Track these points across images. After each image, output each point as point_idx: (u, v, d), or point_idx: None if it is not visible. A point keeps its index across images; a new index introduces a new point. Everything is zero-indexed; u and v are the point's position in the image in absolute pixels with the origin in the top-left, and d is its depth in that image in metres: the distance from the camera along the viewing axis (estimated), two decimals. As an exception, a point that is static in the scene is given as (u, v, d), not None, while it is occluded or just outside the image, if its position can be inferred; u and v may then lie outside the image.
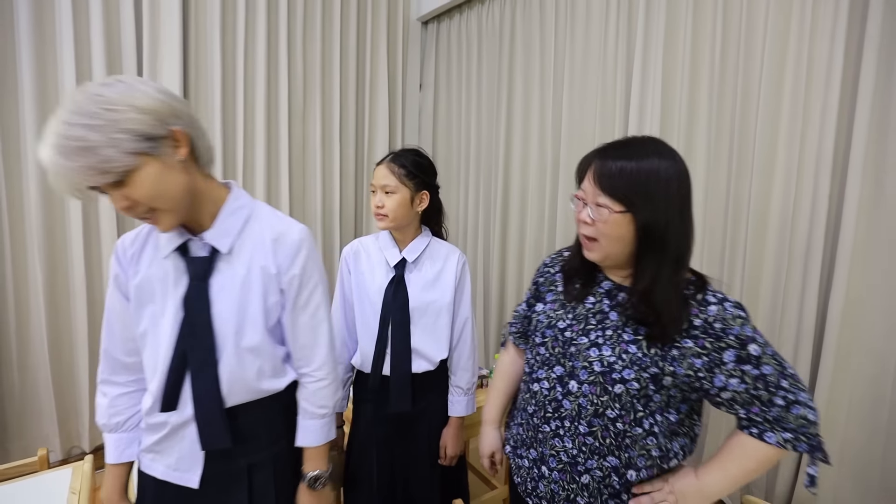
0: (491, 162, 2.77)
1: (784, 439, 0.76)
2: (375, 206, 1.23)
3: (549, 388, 0.87)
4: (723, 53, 1.76)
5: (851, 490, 1.53)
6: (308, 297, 0.92)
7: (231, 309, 0.86)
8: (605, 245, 0.82)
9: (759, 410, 0.77)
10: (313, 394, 0.95)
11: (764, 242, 1.69)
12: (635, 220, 0.78)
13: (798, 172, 1.59)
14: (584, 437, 0.83)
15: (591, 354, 0.83)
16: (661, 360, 0.79)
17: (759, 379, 0.76)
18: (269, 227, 0.90)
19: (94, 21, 2.00)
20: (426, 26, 3.19)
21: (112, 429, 0.93)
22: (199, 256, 0.86)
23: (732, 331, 0.77)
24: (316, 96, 2.68)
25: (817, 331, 1.59)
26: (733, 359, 0.77)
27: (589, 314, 0.87)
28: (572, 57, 2.28)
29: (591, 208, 0.82)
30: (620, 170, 0.79)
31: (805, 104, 1.56)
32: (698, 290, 0.81)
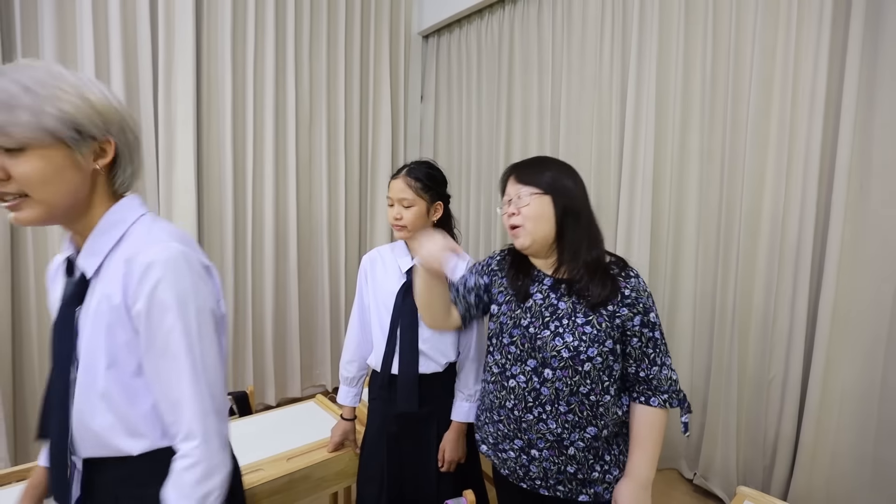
0: (491, 171, 2.85)
1: (663, 400, 0.95)
2: (394, 219, 1.28)
3: (525, 380, 0.97)
4: (713, 64, 1.85)
5: (844, 486, 1.59)
6: (165, 339, 0.69)
7: (87, 342, 0.71)
8: (530, 228, 0.96)
9: (644, 370, 0.96)
10: (173, 475, 0.69)
11: (756, 247, 1.76)
12: (554, 202, 0.96)
13: (787, 179, 1.66)
14: (565, 416, 0.94)
15: (556, 344, 0.94)
16: (612, 331, 0.94)
17: (651, 340, 0.96)
18: (130, 246, 0.72)
19: (112, 37, 2.09)
20: (427, 40, 3.29)
21: None
22: (74, 278, 0.73)
23: (642, 300, 0.96)
24: (322, 108, 2.77)
25: (808, 331, 1.66)
26: (639, 323, 0.95)
27: (542, 309, 0.98)
28: (569, 69, 2.36)
29: (514, 202, 0.98)
30: (533, 170, 0.99)
31: (792, 113, 1.64)
32: (622, 269, 0.98)
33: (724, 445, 1.88)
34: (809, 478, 1.64)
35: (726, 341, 1.85)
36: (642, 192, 2.04)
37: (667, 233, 2.02)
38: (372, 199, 3.09)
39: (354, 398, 1.39)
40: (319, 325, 2.89)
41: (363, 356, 1.38)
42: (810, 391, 1.62)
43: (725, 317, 1.85)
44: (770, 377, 1.75)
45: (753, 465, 1.82)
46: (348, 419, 1.39)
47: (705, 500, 1.94)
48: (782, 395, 1.72)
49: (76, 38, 2.05)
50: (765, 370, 1.76)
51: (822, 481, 1.62)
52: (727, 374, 1.84)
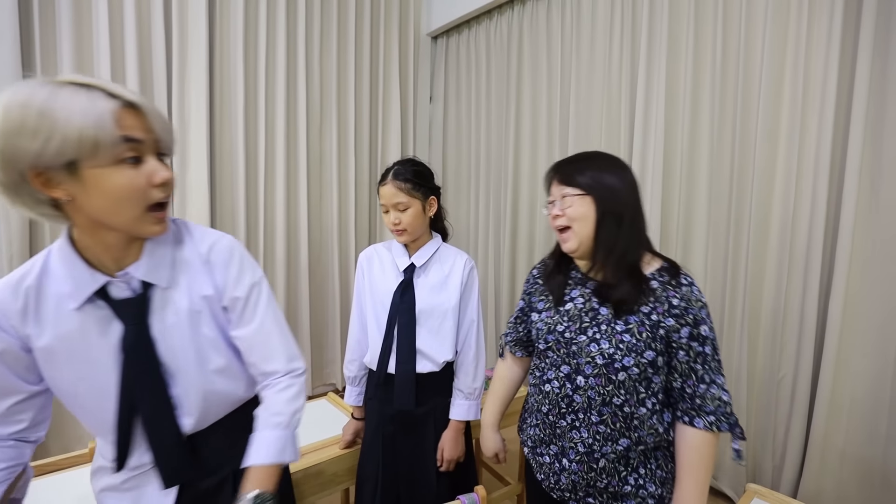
0: (500, 171, 2.86)
1: (709, 422, 0.87)
2: (392, 224, 1.26)
3: (559, 386, 0.95)
4: (723, 64, 1.84)
5: (853, 487, 1.58)
6: (253, 309, 0.83)
7: (186, 342, 0.77)
8: (577, 229, 0.92)
9: (691, 387, 0.89)
10: (267, 399, 0.83)
11: (766, 245, 1.76)
12: (595, 201, 0.91)
13: (797, 177, 1.66)
14: (596, 426, 0.91)
15: (591, 350, 0.90)
16: (653, 341, 0.88)
17: (700, 356, 0.88)
18: (202, 244, 0.81)
19: (128, 41, 2.14)
20: (436, 41, 3.31)
21: None
22: (126, 298, 0.73)
23: (693, 311, 0.88)
24: (332, 109, 2.81)
25: (818, 331, 1.65)
26: (686, 335, 0.88)
27: (581, 313, 0.94)
28: (578, 69, 2.37)
29: (558, 203, 0.94)
30: (576, 168, 0.95)
31: (803, 109, 1.63)
32: (672, 276, 0.91)
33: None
34: (819, 477, 1.64)
35: (736, 340, 1.85)
36: (651, 191, 2.04)
37: (676, 231, 2.03)
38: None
39: (359, 397, 1.39)
40: (329, 324, 2.93)
41: (364, 355, 1.37)
42: (820, 391, 1.62)
43: (735, 315, 1.85)
44: (780, 376, 1.74)
45: (763, 464, 1.82)
46: (359, 418, 1.40)
47: (714, 499, 1.94)
48: (792, 395, 1.72)
49: (93, 42, 2.10)
50: (774, 369, 1.76)
51: (831, 481, 1.62)
52: (737, 372, 1.84)
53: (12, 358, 0.72)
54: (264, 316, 0.83)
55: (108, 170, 0.64)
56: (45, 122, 0.59)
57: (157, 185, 0.68)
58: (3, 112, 0.59)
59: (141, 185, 0.67)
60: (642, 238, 0.95)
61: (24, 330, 0.71)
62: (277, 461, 0.78)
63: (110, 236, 0.70)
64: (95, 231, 0.69)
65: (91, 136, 0.60)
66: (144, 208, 0.68)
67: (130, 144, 0.65)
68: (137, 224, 0.69)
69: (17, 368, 0.73)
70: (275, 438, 0.79)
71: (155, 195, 0.69)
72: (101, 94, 0.63)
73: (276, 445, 0.79)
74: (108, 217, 0.67)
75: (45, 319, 0.71)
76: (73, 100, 0.60)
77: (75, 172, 0.62)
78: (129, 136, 0.64)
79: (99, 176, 0.63)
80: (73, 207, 0.66)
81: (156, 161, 0.69)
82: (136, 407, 0.75)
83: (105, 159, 0.63)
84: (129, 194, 0.66)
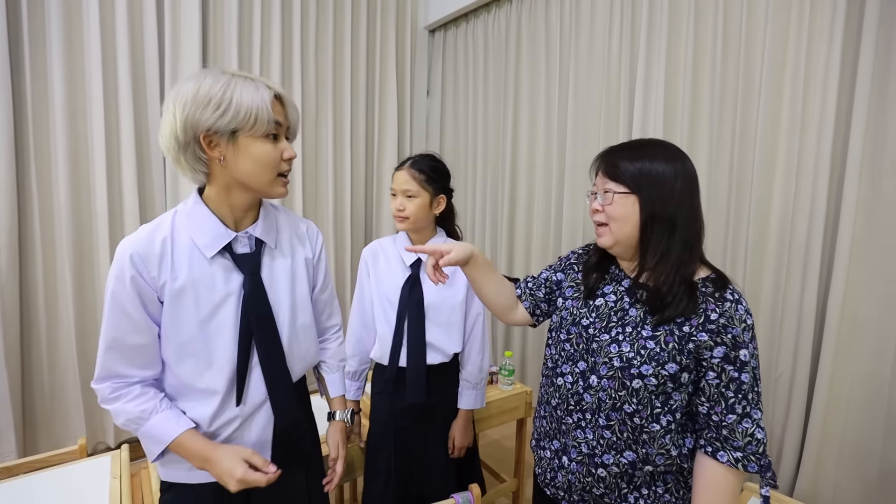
0: (498, 166, 2.84)
1: (735, 458, 0.78)
2: (396, 210, 1.29)
3: (572, 381, 0.90)
4: (723, 59, 1.82)
5: (851, 484, 1.58)
6: (327, 278, 1.10)
7: (285, 297, 0.95)
8: (614, 229, 0.85)
9: (718, 414, 0.80)
10: (335, 350, 1.15)
11: (765, 242, 1.74)
12: (640, 202, 0.82)
13: (797, 173, 1.64)
14: (602, 430, 0.85)
15: (611, 350, 0.85)
16: (679, 354, 0.80)
17: (734, 381, 0.79)
18: (297, 222, 1.05)
19: (119, 37, 2.10)
20: (433, 34, 3.27)
21: (153, 410, 0.85)
22: (247, 253, 0.91)
23: (733, 330, 0.79)
24: (328, 103, 2.78)
25: (817, 328, 1.64)
26: (721, 356, 0.79)
27: (611, 312, 0.89)
28: (576, 63, 2.34)
29: (599, 196, 0.87)
30: (624, 158, 0.85)
31: (804, 106, 1.61)
32: (717, 288, 0.82)
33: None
34: (815, 476, 1.63)
35: (733, 338, 1.84)
36: (650, 187, 2.02)
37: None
38: (378, 195, 3.10)
39: (357, 392, 1.40)
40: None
41: (365, 350, 1.39)
42: (818, 389, 1.61)
43: (733, 314, 1.84)
44: (777, 374, 1.74)
45: (759, 462, 1.81)
46: (358, 412, 1.40)
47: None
48: (789, 393, 1.71)
49: (83, 38, 2.06)
50: (772, 367, 1.75)
51: (828, 480, 1.61)
52: (734, 371, 1.83)
53: (155, 308, 0.85)
54: (332, 285, 1.15)
55: (258, 140, 0.83)
56: (225, 99, 0.79)
57: (286, 159, 0.88)
58: (194, 89, 0.79)
59: (276, 157, 0.86)
60: (697, 246, 0.84)
61: (161, 277, 0.84)
62: (343, 393, 1.15)
63: (241, 198, 0.89)
64: (231, 191, 0.87)
65: (254, 114, 0.81)
66: (276, 174, 0.87)
67: (275, 125, 0.84)
68: (270, 185, 0.87)
69: (157, 316, 0.85)
70: (341, 378, 1.16)
71: (283, 167, 0.88)
72: (263, 86, 0.83)
73: (342, 383, 1.15)
74: (248, 177, 0.85)
75: (179, 265, 0.85)
76: (245, 86, 0.81)
77: (234, 139, 0.82)
78: (277, 119, 0.84)
79: (250, 144, 0.83)
80: (221, 168, 0.85)
81: (286, 142, 0.89)
82: (252, 348, 0.90)
83: (258, 132, 0.83)
84: (268, 161, 0.85)
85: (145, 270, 0.83)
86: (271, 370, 0.91)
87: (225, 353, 0.87)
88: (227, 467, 0.81)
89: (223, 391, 0.87)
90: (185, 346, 0.86)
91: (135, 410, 0.84)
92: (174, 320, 0.85)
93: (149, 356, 0.86)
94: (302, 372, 1.02)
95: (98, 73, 2.05)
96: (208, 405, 0.87)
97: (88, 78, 2.06)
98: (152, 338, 0.86)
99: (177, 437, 0.84)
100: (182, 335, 0.85)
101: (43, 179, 2.04)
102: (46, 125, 2.03)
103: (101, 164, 2.09)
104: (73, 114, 2.06)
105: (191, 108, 0.79)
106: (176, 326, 0.85)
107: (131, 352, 0.84)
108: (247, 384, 0.90)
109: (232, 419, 0.90)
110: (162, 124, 0.83)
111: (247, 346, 0.89)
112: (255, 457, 0.84)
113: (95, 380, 0.87)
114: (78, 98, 2.07)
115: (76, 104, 2.06)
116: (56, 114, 2.01)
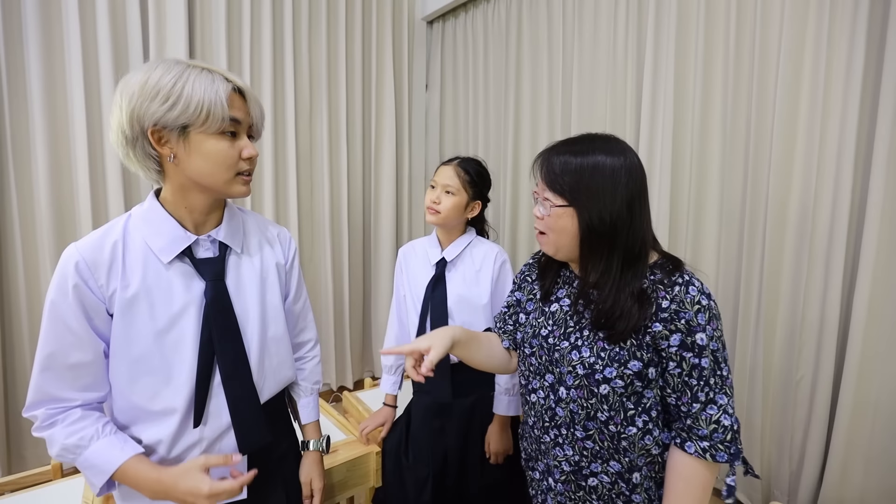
0: (499, 161, 2.74)
1: (702, 448, 0.75)
2: (431, 201, 1.31)
3: (544, 396, 0.87)
4: (737, 42, 1.72)
5: (879, 494, 1.48)
6: (301, 287, 1.03)
7: (254, 305, 0.87)
8: (553, 238, 0.84)
9: (686, 405, 0.77)
10: (311, 371, 1.07)
11: (782, 239, 1.64)
12: (578, 215, 0.79)
13: (818, 164, 1.54)
14: (582, 442, 0.82)
15: (573, 358, 0.82)
16: (639, 350, 0.78)
17: (695, 368, 0.76)
18: (267, 225, 0.98)
19: (100, 25, 2.00)
20: (431, 26, 3.17)
21: (93, 437, 0.75)
22: (209, 257, 0.83)
23: (685, 315, 0.76)
24: (322, 97, 2.67)
25: (841, 330, 1.55)
26: (677, 344, 0.76)
27: (567, 317, 0.86)
28: (581, 54, 2.24)
29: (540, 203, 0.85)
30: (563, 165, 0.81)
31: (825, 91, 1.51)
32: (666, 274, 0.79)
33: (746, 449, 1.78)
34: (841, 486, 1.54)
35: (750, 339, 1.74)
36: (660, 181, 1.93)
37: (686, 225, 1.91)
38: (376, 193, 3.00)
39: (394, 385, 1.44)
40: (322, 324, 2.81)
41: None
42: (843, 393, 1.52)
43: (749, 313, 1.75)
44: (798, 377, 1.64)
45: (779, 470, 1.72)
46: (391, 406, 1.45)
47: None
48: (811, 397, 1.62)
49: (62, 32, 1.96)
50: (792, 370, 1.65)
51: (854, 488, 1.52)
52: (751, 373, 1.74)
53: (102, 321, 0.77)
54: (306, 295, 1.06)
55: (211, 137, 0.76)
56: (174, 92, 0.72)
57: (245, 158, 0.81)
58: (143, 80, 0.73)
59: (233, 155, 0.79)
60: (644, 250, 0.81)
61: (111, 285, 0.77)
62: (317, 419, 1.07)
63: (199, 199, 0.81)
64: (187, 192, 0.81)
65: (206, 108, 0.74)
66: (234, 174, 0.80)
67: (232, 122, 0.78)
68: (227, 185, 0.80)
69: (103, 330, 0.78)
70: (316, 400, 1.07)
71: (242, 166, 0.81)
72: (221, 78, 0.76)
73: (316, 408, 1.07)
74: (202, 176, 0.78)
75: (131, 271, 0.78)
76: (200, 78, 0.74)
77: (185, 135, 0.75)
78: (233, 116, 0.77)
79: (203, 141, 0.76)
80: (174, 167, 0.78)
81: (247, 140, 0.82)
82: (215, 363, 0.81)
83: (211, 128, 0.76)
84: (223, 159, 0.78)
85: (92, 279, 0.75)
86: (235, 388, 0.82)
87: (185, 369, 0.79)
88: (190, 486, 0.72)
89: (182, 410, 0.79)
90: (140, 361, 0.78)
91: (72, 438, 0.74)
92: (126, 333, 0.77)
93: (92, 376, 0.77)
94: (275, 389, 0.93)
95: (78, 70, 1.96)
96: (166, 426, 0.79)
97: (69, 74, 1.97)
98: (96, 355, 0.77)
99: (121, 465, 0.73)
100: (135, 349, 0.77)
101: (22, 181, 1.95)
102: (25, 124, 1.93)
103: (84, 164, 2.00)
104: (53, 111, 1.96)
105: (137, 101, 0.73)
106: (128, 340, 0.77)
107: (71, 372, 0.76)
108: (208, 403, 0.81)
109: (195, 442, 0.81)
110: (111, 118, 0.78)
111: (209, 361, 0.81)
112: (213, 458, 0.76)
113: (27, 407, 0.76)
114: (58, 95, 1.97)
115: (56, 101, 1.97)
116: (35, 112, 1.92)
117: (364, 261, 3.01)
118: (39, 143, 1.93)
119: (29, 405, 0.76)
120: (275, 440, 0.90)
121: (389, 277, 2.99)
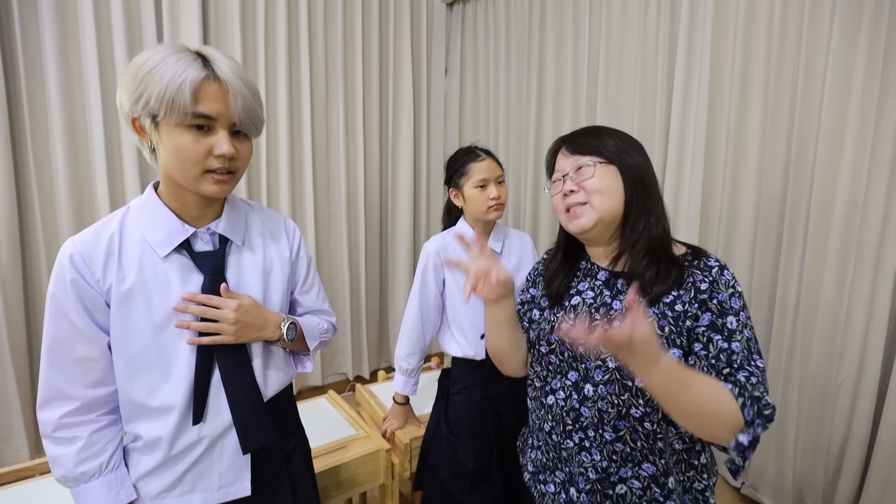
0: (521, 149, 2.66)
1: (736, 391, 0.66)
2: (492, 199, 1.27)
3: (564, 397, 0.81)
4: (783, 24, 1.59)
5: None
6: (311, 276, 0.99)
7: (256, 298, 0.84)
8: (597, 203, 0.78)
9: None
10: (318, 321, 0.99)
11: (827, 235, 1.53)
12: (622, 172, 0.79)
13: (871, 154, 1.42)
14: (612, 445, 0.76)
15: (602, 350, 0.76)
16: (679, 337, 0.73)
17: (724, 352, 0.70)
18: (271, 217, 0.94)
19: (114, 12, 1.97)
20: (451, 8, 3.06)
21: (95, 473, 0.75)
22: (208, 251, 0.81)
23: (719, 295, 0.73)
24: (338, 83, 2.61)
25: (889, 331, 1.45)
26: (707, 322, 0.73)
27: (591, 309, 0.81)
28: (608, 37, 2.12)
29: (571, 177, 0.81)
30: (592, 137, 0.83)
31: (883, 77, 1.38)
32: (697, 258, 0.78)
33: (778, 454, 1.70)
34: (883, 492, 1.45)
35: (786, 339, 1.65)
36: (692, 171, 1.82)
37: (719, 217, 1.81)
38: (393, 182, 2.94)
39: (413, 388, 1.43)
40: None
41: (424, 348, 1.40)
42: (889, 399, 1.42)
43: (787, 312, 1.65)
44: (839, 381, 1.55)
45: (812, 478, 1.63)
46: (403, 403, 1.46)
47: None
48: (853, 402, 1.52)
49: (77, 25, 1.94)
50: (832, 373, 1.56)
51: (898, 501, 1.43)
52: (786, 374, 1.65)
53: (103, 314, 0.75)
54: (319, 285, 1.01)
55: (177, 130, 0.71)
56: (143, 81, 0.69)
57: (217, 156, 0.74)
58: (131, 66, 0.71)
59: (199, 151, 0.72)
60: (666, 215, 0.82)
61: (107, 279, 0.75)
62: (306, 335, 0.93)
63: (185, 193, 0.78)
64: (173, 185, 0.77)
65: (168, 99, 0.68)
66: (202, 171, 0.74)
67: (199, 116, 0.71)
68: (195, 182, 0.74)
69: (105, 324, 0.76)
70: (313, 325, 0.96)
71: (212, 163, 0.74)
72: (198, 65, 0.70)
73: (311, 331, 0.94)
74: (172, 171, 0.74)
75: (128, 264, 0.76)
76: (174, 66, 0.68)
77: (156, 125, 0.72)
78: (200, 110, 0.71)
79: (170, 132, 0.72)
80: (159, 157, 0.75)
81: (225, 135, 0.74)
82: (214, 360, 0.79)
83: (175, 120, 0.70)
84: (188, 155, 0.72)
85: (88, 272, 0.74)
86: (235, 384, 0.81)
87: (184, 364, 0.78)
88: None
89: (181, 407, 0.77)
90: (138, 357, 0.76)
91: (77, 468, 0.74)
92: (124, 327, 0.75)
93: (100, 372, 0.76)
94: (280, 385, 0.90)
95: (94, 62, 1.94)
96: (164, 424, 0.77)
97: (85, 67, 1.95)
98: (102, 350, 0.76)
99: None
100: (133, 345, 0.76)
101: (42, 172, 1.96)
102: (44, 116, 1.93)
103: (101, 155, 1.99)
104: (71, 104, 1.95)
105: (121, 88, 0.72)
106: (126, 334, 0.76)
107: (80, 367, 0.75)
108: (209, 400, 0.79)
109: (197, 441, 0.79)
110: None
111: (208, 357, 0.79)
112: None
113: (39, 405, 0.76)
114: (75, 87, 1.96)
115: (73, 93, 1.96)
116: (52, 104, 1.91)
117: (381, 250, 2.97)
118: (57, 133, 1.93)
119: (41, 404, 0.76)
120: (280, 438, 0.87)
121: (407, 267, 2.95)
